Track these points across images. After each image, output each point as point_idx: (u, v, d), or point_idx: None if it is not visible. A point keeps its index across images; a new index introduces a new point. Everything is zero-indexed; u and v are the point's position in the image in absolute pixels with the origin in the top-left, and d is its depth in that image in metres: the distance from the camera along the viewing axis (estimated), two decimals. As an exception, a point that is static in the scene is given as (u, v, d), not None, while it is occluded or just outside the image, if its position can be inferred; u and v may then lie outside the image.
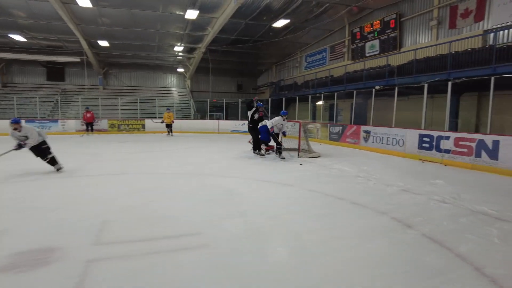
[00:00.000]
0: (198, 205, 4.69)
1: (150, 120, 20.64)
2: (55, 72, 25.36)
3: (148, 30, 18.49)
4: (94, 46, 21.22)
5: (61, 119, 19.69)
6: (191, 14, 14.46)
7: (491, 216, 4.28)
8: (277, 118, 9.52)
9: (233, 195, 5.23)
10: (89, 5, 13.90)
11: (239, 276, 2.68)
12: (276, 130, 9.44)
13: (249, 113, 10.16)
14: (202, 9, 14.89)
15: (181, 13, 15.41)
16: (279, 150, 9.44)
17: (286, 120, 9.59)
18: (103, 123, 19.78)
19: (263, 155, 9.91)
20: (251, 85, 31.18)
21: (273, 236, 3.57)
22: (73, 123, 19.23)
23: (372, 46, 15.81)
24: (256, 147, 10.14)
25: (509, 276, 2.68)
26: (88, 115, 17.91)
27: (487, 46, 10.03)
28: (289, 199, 5.10)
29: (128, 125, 20.30)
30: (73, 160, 8.95)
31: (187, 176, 6.82)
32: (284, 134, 9.58)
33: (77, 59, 22.84)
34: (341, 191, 5.59)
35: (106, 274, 2.67)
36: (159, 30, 18.57)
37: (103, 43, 19.87)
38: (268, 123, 9.45)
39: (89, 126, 18.02)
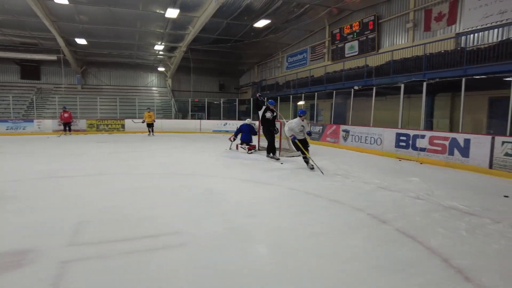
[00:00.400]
0: (177, 205, 4.68)
1: (130, 120, 20.31)
2: (30, 70, 24.52)
3: (128, 29, 18.18)
4: (71, 44, 20.67)
5: (37, 119, 19.09)
6: (172, 13, 14.32)
7: (461, 211, 4.47)
8: (294, 120, 7.83)
9: (213, 194, 5.25)
10: (65, 1, 13.54)
11: (217, 274, 2.70)
12: (298, 135, 7.67)
13: (260, 113, 9.13)
14: (183, 8, 14.78)
15: (162, 12, 15.23)
16: (305, 160, 7.65)
17: (304, 120, 7.86)
18: (81, 123, 19.34)
19: (278, 159, 8.85)
20: (233, 85, 31.15)
21: (252, 234, 3.61)
22: (50, 123, 18.70)
23: (352, 47, 16.13)
24: (270, 151, 9.09)
25: (474, 266, 2.83)
26: (66, 115, 17.47)
27: (458, 48, 10.43)
28: (269, 197, 5.16)
29: (107, 125, 19.92)
30: (50, 160, 8.75)
31: (167, 176, 6.78)
32: (309, 134, 7.94)
33: (53, 57, 22.18)
34: (320, 189, 5.70)
35: (82, 275, 2.64)
36: (139, 29, 18.29)
37: (81, 41, 19.39)
38: (286, 129, 7.91)
39: (67, 126, 17.59)
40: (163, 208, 4.49)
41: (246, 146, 10.51)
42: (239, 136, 10.84)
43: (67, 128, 17.60)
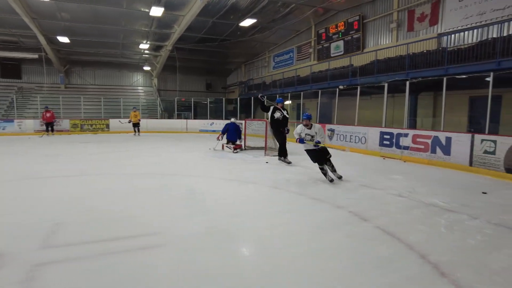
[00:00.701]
0: (159, 205, 4.61)
1: (115, 119, 20.03)
2: (10, 69, 23.77)
3: (112, 27, 17.85)
4: (53, 42, 20.15)
5: (18, 119, 18.59)
6: (156, 11, 14.11)
7: (441, 207, 4.55)
8: (298, 126, 6.49)
9: (196, 194, 5.20)
10: (46, -2, 13.23)
11: (198, 275, 2.66)
12: (308, 144, 6.25)
13: (268, 114, 8.51)
14: (168, 7, 14.59)
15: (146, 10, 14.99)
16: (322, 171, 6.22)
17: (310, 126, 6.31)
18: (64, 123, 18.94)
19: (289, 162, 8.11)
20: (221, 84, 30.99)
21: (235, 234, 3.57)
22: (32, 123, 18.24)
23: (337, 47, 16.25)
24: (282, 154, 8.33)
25: (451, 262, 2.87)
26: (48, 114, 17.07)
27: (440, 48, 10.61)
28: (252, 196, 5.15)
29: (91, 125, 19.58)
30: (30, 161, 8.52)
31: (150, 176, 6.68)
32: (318, 143, 6.07)
33: (34, 56, 21.60)
34: (302, 187, 5.72)
35: (55, 278, 2.57)
36: (123, 27, 17.96)
37: (63, 39, 18.90)
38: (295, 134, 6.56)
39: (49, 126, 17.21)
40: (144, 208, 4.41)
41: (232, 146, 10.46)
42: (224, 136, 10.78)
43: (50, 128, 17.22)
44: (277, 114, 8.30)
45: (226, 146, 10.71)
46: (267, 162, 8.49)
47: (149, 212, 4.25)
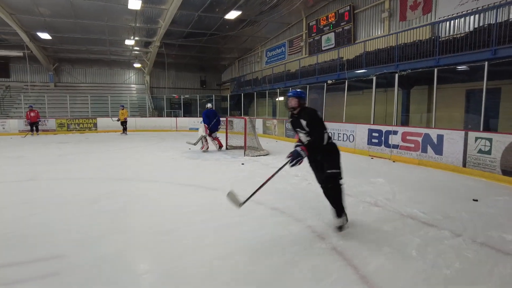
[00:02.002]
0: (83, 218, 3.90)
1: (104, 118, 19.52)
2: (-2, 67, 23.26)
3: (95, 22, 17.15)
4: (37, 39, 19.48)
5: (1, 119, 18.03)
6: (134, 4, 13.33)
7: (419, 220, 3.82)
8: None
9: (137, 204, 4.50)
10: (18, -8, 12.56)
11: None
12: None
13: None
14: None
15: (125, 5, 14.23)
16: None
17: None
18: (50, 123, 18.38)
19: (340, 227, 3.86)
20: (215, 81, 30.26)
21: (151, 257, 2.89)
22: (16, 123, 17.70)
23: (328, 39, 15.44)
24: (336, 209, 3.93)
25: (410, 307, 2.15)
26: (32, 114, 16.55)
27: (433, 37, 9.79)
28: (202, 206, 4.43)
29: (78, 124, 19.00)
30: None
31: (102, 181, 6.00)
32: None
33: (19, 53, 20.96)
34: (267, 194, 4.94)
35: None
36: (107, 23, 17.26)
37: (44, 35, 18.18)
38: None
39: (34, 126, 16.63)
40: (61, 224, 3.73)
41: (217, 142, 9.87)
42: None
43: (34, 128, 16.66)
44: (301, 134, 3.78)
45: (209, 138, 9.91)
46: (242, 164, 7.79)
47: (64, 228, 3.58)
